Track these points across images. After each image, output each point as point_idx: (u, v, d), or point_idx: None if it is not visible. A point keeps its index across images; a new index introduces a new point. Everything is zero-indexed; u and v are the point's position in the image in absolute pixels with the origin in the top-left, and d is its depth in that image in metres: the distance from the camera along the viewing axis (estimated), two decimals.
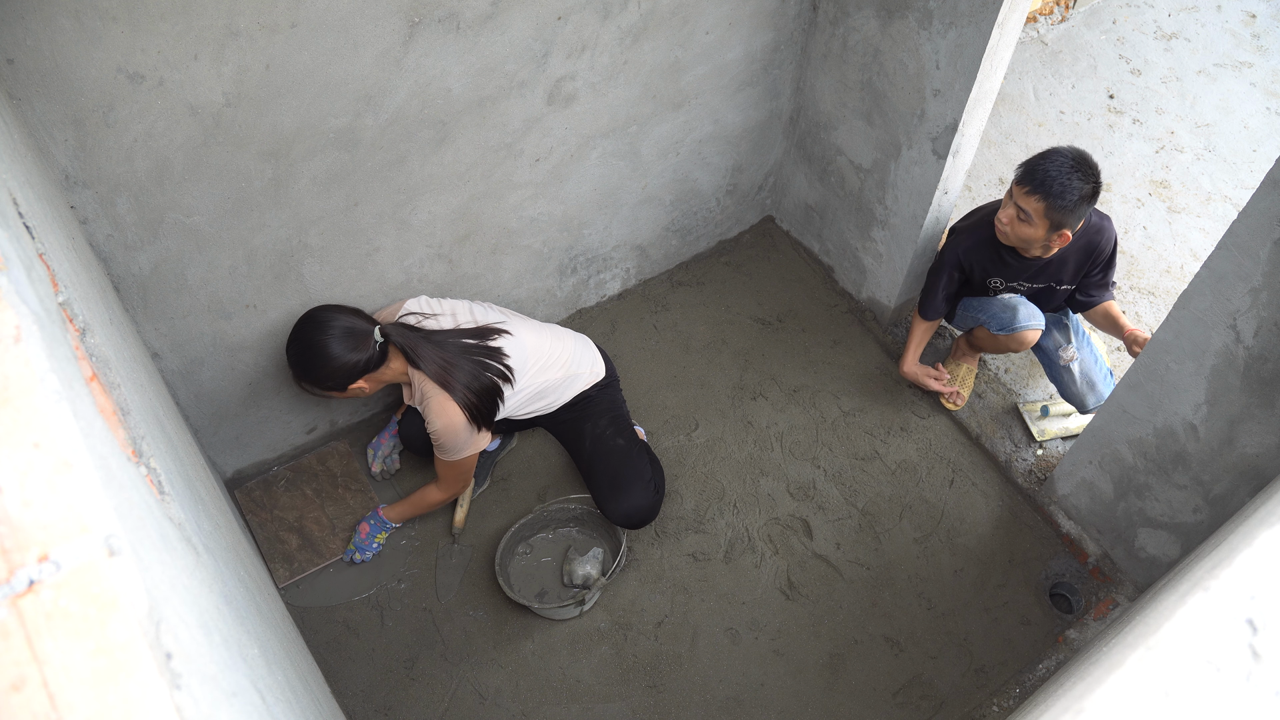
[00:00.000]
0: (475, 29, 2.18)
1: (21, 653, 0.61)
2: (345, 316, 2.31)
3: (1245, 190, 3.71)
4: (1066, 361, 2.86)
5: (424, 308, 2.50)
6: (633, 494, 2.61)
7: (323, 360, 2.26)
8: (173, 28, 1.76)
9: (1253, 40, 4.31)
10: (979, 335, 2.95)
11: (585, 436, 2.68)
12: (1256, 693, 0.90)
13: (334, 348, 2.26)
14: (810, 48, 2.93)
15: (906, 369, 3.03)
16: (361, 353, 2.28)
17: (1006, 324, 2.79)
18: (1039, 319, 2.79)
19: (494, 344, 2.46)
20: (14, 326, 0.74)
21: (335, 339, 2.26)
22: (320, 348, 2.26)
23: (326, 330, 2.27)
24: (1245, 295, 1.97)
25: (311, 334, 2.28)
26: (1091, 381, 2.85)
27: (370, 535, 2.68)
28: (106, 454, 0.86)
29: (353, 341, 2.27)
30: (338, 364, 2.27)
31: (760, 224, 3.55)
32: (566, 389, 2.63)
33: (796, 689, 2.53)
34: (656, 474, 2.73)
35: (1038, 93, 4.07)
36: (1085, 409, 2.88)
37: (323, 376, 2.29)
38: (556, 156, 2.65)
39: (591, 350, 2.74)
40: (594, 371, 2.69)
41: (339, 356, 2.26)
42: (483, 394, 2.39)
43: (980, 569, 2.75)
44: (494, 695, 2.50)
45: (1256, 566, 1.05)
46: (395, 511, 2.68)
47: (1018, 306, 2.79)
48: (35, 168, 1.63)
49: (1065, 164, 2.44)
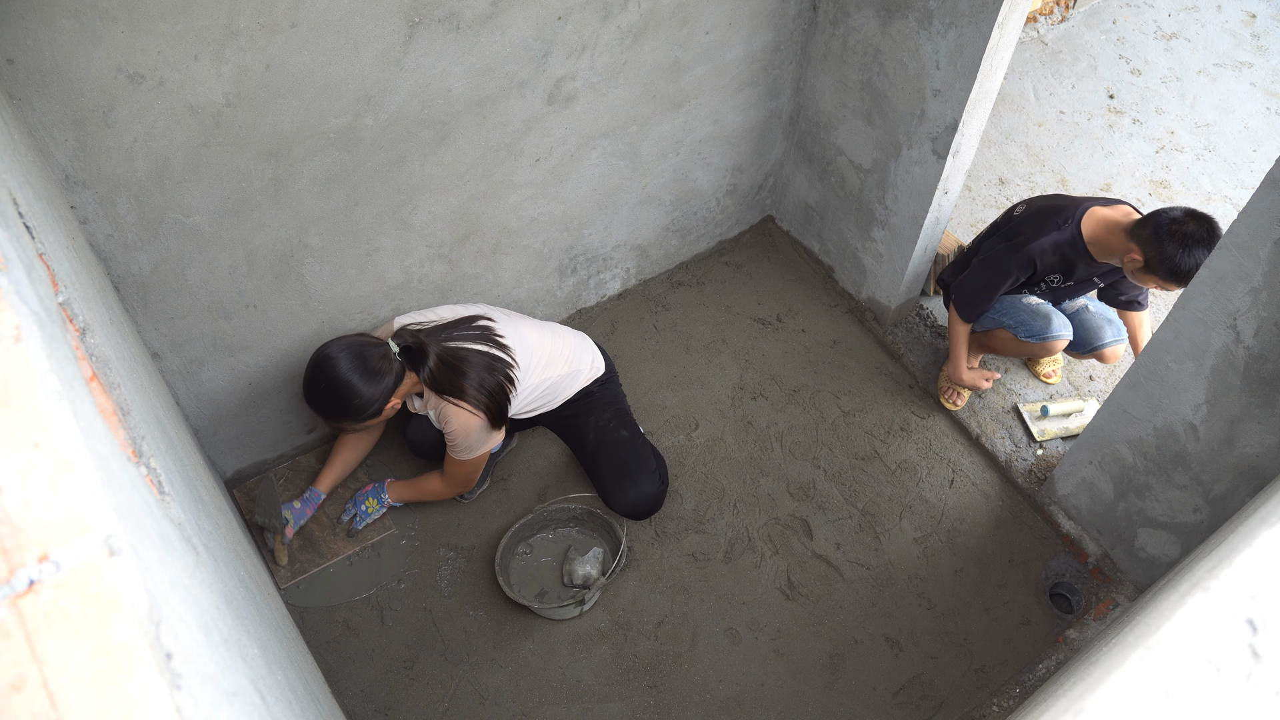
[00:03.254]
0: (475, 29, 2.18)
1: (22, 652, 0.61)
2: (352, 347, 2.25)
3: (1245, 190, 3.71)
4: (1077, 306, 2.88)
5: (416, 319, 2.49)
6: (640, 483, 2.63)
7: (353, 396, 2.22)
8: (173, 28, 1.76)
9: (1253, 40, 4.31)
10: (999, 337, 2.93)
11: (589, 430, 2.68)
12: (1257, 693, 0.90)
13: (357, 382, 2.22)
14: (810, 48, 2.93)
15: (965, 376, 2.94)
16: (387, 373, 2.25)
17: (1039, 332, 2.78)
18: (1068, 329, 2.79)
19: (500, 342, 2.46)
20: (14, 326, 0.74)
21: (356, 373, 2.22)
22: (346, 386, 2.22)
23: (342, 367, 2.22)
24: (1245, 295, 1.97)
25: (331, 376, 2.22)
26: (1108, 317, 2.87)
27: (364, 497, 2.70)
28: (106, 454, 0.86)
29: (373, 366, 2.23)
30: (368, 395, 2.23)
31: (760, 224, 3.55)
32: (569, 385, 2.64)
33: (796, 689, 2.53)
34: (660, 465, 2.76)
35: (1038, 93, 4.07)
36: (1103, 340, 2.85)
37: (357, 410, 2.25)
38: (556, 156, 2.65)
39: (590, 346, 2.74)
40: (594, 367, 2.70)
41: (366, 388, 2.22)
42: (495, 392, 2.39)
43: (980, 569, 2.75)
44: (494, 695, 2.50)
45: (1256, 566, 1.05)
46: (397, 490, 2.69)
47: (1050, 315, 2.77)
48: (35, 168, 1.63)
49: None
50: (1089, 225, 2.60)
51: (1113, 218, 2.58)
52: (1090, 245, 2.60)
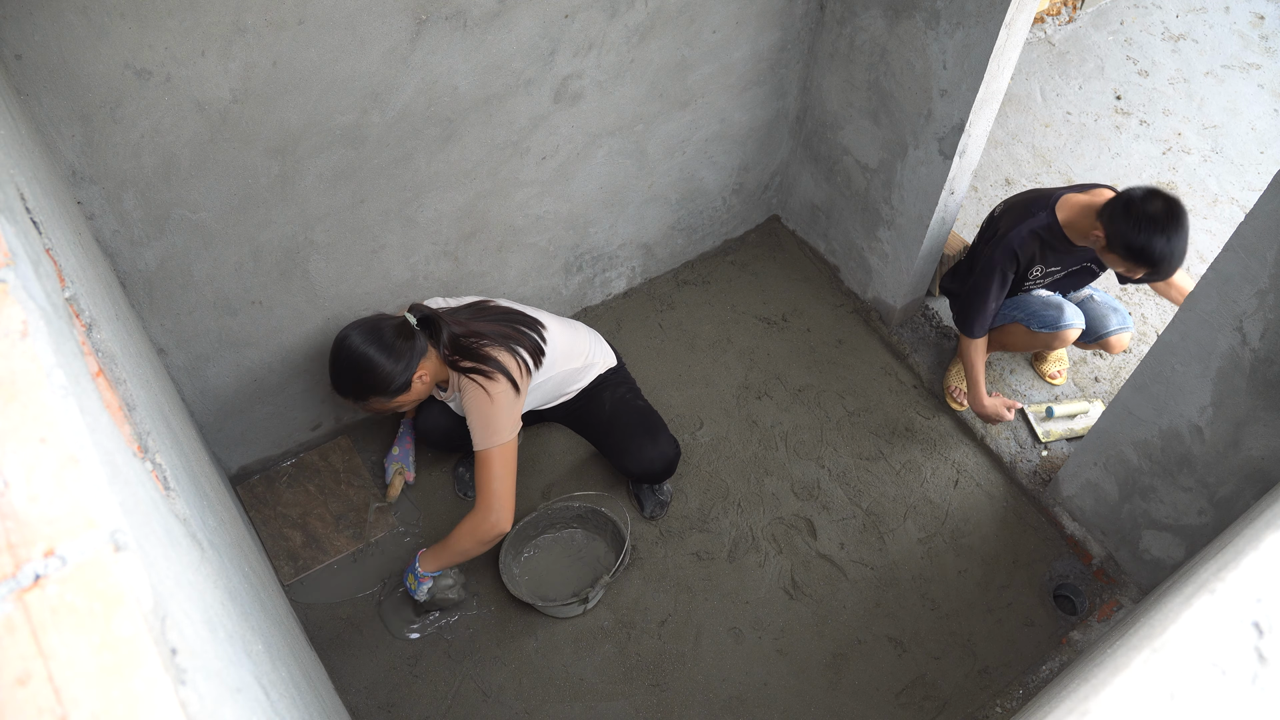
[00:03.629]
0: (482, 26, 2.18)
1: (27, 647, 0.61)
2: (366, 323, 2.26)
3: (1252, 192, 3.70)
4: (1082, 297, 2.88)
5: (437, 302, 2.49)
6: (659, 441, 2.64)
7: (374, 368, 2.20)
8: (180, 24, 1.76)
9: (1260, 42, 4.29)
10: (1011, 332, 2.91)
11: (605, 403, 2.68)
12: (1262, 696, 0.90)
13: (375, 354, 2.20)
14: (817, 47, 2.92)
15: (985, 404, 2.85)
16: (406, 344, 2.24)
17: (1051, 322, 2.78)
18: (1081, 319, 2.81)
19: (526, 316, 2.45)
20: (21, 321, 0.74)
21: (373, 345, 2.21)
22: (365, 359, 2.20)
23: (357, 341, 2.21)
24: (1252, 297, 1.97)
25: (350, 352, 2.21)
26: (1113, 305, 2.88)
27: (413, 582, 2.46)
28: (112, 449, 0.86)
29: (389, 339, 2.22)
30: (389, 367, 2.21)
31: (766, 223, 3.55)
32: (584, 376, 2.65)
33: (799, 688, 2.52)
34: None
35: (1045, 93, 4.06)
36: (1108, 328, 2.85)
37: (383, 383, 2.22)
38: (563, 154, 2.65)
39: (602, 343, 2.75)
40: (606, 361, 2.71)
41: (386, 359, 2.20)
42: (522, 342, 2.36)
43: (984, 570, 2.74)
44: (497, 693, 2.50)
45: (1263, 569, 1.05)
46: (431, 559, 2.41)
47: (1062, 305, 2.79)
48: (42, 163, 1.63)
49: (1180, 245, 2.38)
50: (1064, 210, 2.64)
51: (1086, 200, 2.62)
52: (1066, 229, 2.64)
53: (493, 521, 2.28)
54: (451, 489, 2.85)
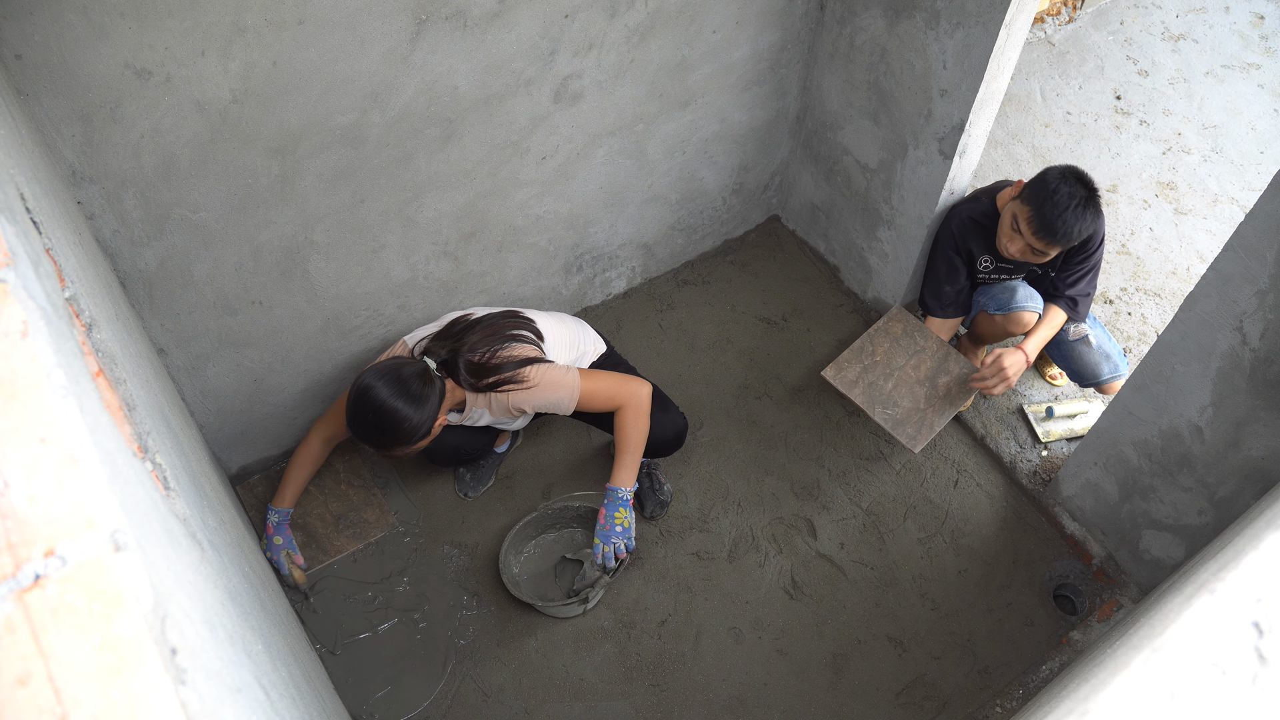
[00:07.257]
0: (482, 26, 2.18)
1: (27, 647, 0.61)
2: (388, 373, 2.21)
3: (1252, 192, 3.70)
4: (1078, 336, 2.88)
5: (423, 332, 2.49)
6: (670, 411, 2.65)
7: (402, 421, 2.18)
8: (180, 24, 1.76)
9: (1261, 42, 4.29)
10: (980, 323, 2.98)
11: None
12: (1262, 696, 0.90)
13: (403, 407, 2.17)
14: (817, 47, 2.92)
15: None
16: (430, 391, 2.22)
17: (1005, 304, 2.82)
18: (1037, 301, 2.82)
19: (517, 313, 2.51)
20: (21, 321, 0.74)
21: (400, 398, 2.17)
22: (394, 414, 2.17)
23: (384, 394, 2.17)
24: (1252, 298, 1.97)
25: (377, 406, 2.17)
26: (1106, 352, 2.88)
27: (613, 513, 2.47)
28: (112, 449, 0.86)
29: (414, 388, 2.20)
30: (416, 418, 2.19)
31: (766, 223, 3.55)
32: (581, 364, 2.65)
33: (799, 688, 2.53)
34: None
35: (1045, 93, 4.06)
36: (1100, 378, 2.87)
37: (409, 434, 2.20)
38: (563, 154, 2.65)
39: (589, 330, 2.77)
40: (597, 349, 2.72)
41: (413, 411, 2.18)
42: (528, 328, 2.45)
43: (984, 570, 2.74)
44: (497, 693, 2.50)
45: (1263, 569, 1.05)
46: (622, 475, 2.45)
47: (1017, 288, 2.83)
48: (42, 163, 1.63)
49: (1078, 209, 2.48)
50: (1002, 197, 2.72)
51: (1018, 184, 2.67)
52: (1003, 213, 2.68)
53: (638, 397, 2.44)
54: (452, 489, 2.85)
